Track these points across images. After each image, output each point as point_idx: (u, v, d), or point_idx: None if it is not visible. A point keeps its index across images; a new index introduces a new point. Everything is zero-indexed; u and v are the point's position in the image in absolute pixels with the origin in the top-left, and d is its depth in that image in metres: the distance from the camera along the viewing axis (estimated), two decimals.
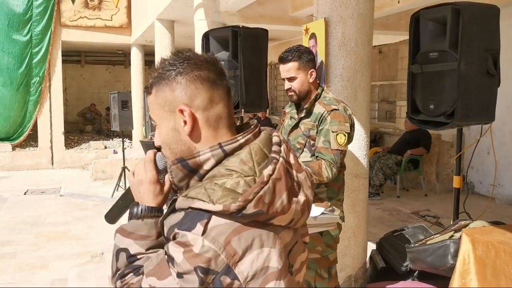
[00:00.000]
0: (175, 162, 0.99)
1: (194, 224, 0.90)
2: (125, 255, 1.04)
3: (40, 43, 10.72)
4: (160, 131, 1.06)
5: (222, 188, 0.91)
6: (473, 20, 2.50)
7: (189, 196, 0.94)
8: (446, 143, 7.09)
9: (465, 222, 2.74)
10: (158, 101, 1.02)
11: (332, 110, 2.53)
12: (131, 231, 1.06)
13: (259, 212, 0.91)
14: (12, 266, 4.54)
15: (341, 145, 2.49)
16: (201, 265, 0.87)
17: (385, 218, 5.70)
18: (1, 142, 10.83)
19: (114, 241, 1.09)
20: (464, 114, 2.56)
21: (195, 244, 0.88)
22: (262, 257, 0.91)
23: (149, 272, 0.96)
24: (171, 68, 1.00)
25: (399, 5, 5.59)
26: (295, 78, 2.59)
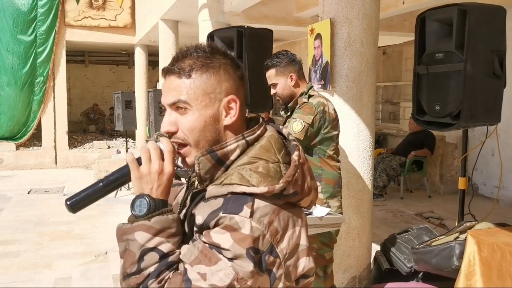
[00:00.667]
0: (205, 153, 1.02)
1: (241, 207, 0.93)
2: (157, 255, 0.96)
3: (44, 43, 10.76)
4: (192, 116, 1.03)
5: (257, 173, 0.97)
6: (479, 21, 2.50)
7: (224, 183, 0.97)
8: (450, 144, 7.07)
9: (470, 224, 2.73)
10: (202, 86, 1.03)
11: (303, 103, 2.63)
12: (160, 229, 0.98)
13: (296, 193, 0.98)
14: (15, 265, 4.54)
15: (295, 132, 2.52)
16: (252, 245, 0.91)
17: (388, 220, 5.68)
18: (5, 141, 10.86)
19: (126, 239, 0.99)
20: (470, 115, 2.55)
21: (243, 226, 0.91)
22: (295, 236, 0.98)
23: (193, 261, 0.93)
24: (220, 58, 1.05)
25: (403, 6, 5.58)
26: (276, 84, 2.71)
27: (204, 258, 0.92)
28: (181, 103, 1.03)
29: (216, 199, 0.97)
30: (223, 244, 0.91)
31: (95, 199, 1.06)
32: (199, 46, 1.06)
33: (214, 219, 0.93)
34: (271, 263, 0.94)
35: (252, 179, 0.96)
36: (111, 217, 6.22)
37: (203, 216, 0.96)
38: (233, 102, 1.05)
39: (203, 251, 0.93)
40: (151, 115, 7.20)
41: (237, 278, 0.90)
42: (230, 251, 0.90)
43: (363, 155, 3.18)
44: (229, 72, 1.05)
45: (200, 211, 0.98)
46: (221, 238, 0.91)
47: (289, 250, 0.97)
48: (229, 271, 0.90)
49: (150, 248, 0.96)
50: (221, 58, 1.05)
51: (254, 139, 1.05)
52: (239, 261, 0.90)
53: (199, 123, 1.03)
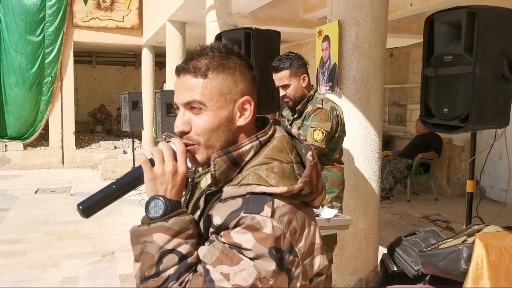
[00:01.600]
0: (221, 154, 1.01)
1: (261, 206, 0.93)
2: (177, 257, 0.94)
3: (52, 43, 10.83)
4: (206, 116, 1.02)
5: (274, 173, 0.98)
6: (488, 24, 2.49)
7: (242, 183, 0.97)
8: (457, 147, 7.04)
9: (478, 227, 2.72)
10: (218, 87, 1.02)
11: (317, 108, 2.63)
12: (179, 230, 0.96)
13: (312, 192, 1.00)
14: (23, 264, 4.57)
15: (317, 141, 2.53)
16: (274, 245, 0.91)
17: (395, 222, 5.66)
18: (13, 141, 10.94)
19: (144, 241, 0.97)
20: (479, 118, 2.55)
21: (265, 226, 0.91)
22: (310, 235, 0.99)
23: (215, 261, 0.92)
24: (235, 59, 1.04)
25: (411, 8, 5.57)
26: (288, 85, 2.69)
27: (226, 258, 0.91)
28: (196, 103, 1.01)
29: (234, 200, 0.96)
30: (245, 244, 0.91)
31: (108, 203, 1.04)
32: (215, 46, 1.05)
33: (235, 219, 0.93)
34: (291, 262, 0.94)
35: (271, 180, 0.96)
36: (118, 217, 6.25)
37: (221, 217, 0.96)
38: (248, 103, 1.05)
39: (224, 251, 0.92)
40: (158, 115, 7.22)
41: (259, 278, 0.90)
42: (252, 250, 0.90)
43: (370, 158, 3.18)
44: (244, 73, 1.05)
45: (217, 211, 0.98)
46: (242, 238, 0.91)
47: (306, 249, 0.97)
48: (252, 270, 0.90)
49: (169, 249, 0.95)
50: (236, 59, 1.05)
51: (266, 140, 1.05)
52: (261, 260, 0.90)
53: (213, 124, 1.02)
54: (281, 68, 2.68)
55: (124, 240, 5.13)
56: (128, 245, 5.00)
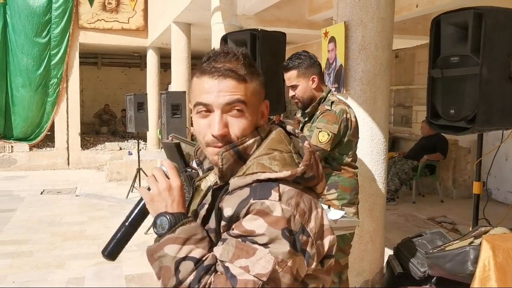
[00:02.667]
0: (228, 148, 1.05)
1: (269, 192, 0.97)
2: (192, 263, 0.97)
3: (58, 45, 10.88)
4: (246, 118, 1.06)
5: (276, 161, 1.03)
6: (495, 25, 2.48)
7: (247, 173, 1.02)
8: (463, 148, 7.02)
9: (485, 229, 2.71)
10: (254, 91, 1.08)
11: (325, 110, 2.55)
12: (186, 237, 1.00)
13: (314, 176, 1.05)
14: (29, 264, 4.59)
15: (321, 143, 2.46)
16: (286, 226, 0.95)
17: (400, 224, 5.65)
18: (19, 142, 10.99)
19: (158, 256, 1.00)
20: (486, 120, 2.53)
21: (274, 209, 0.96)
22: (318, 216, 1.03)
23: (232, 257, 0.94)
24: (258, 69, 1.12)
25: (417, 9, 5.55)
26: (296, 86, 2.61)
27: (242, 252, 0.94)
28: (240, 105, 1.05)
29: (241, 190, 1.00)
30: (258, 229, 0.94)
31: (127, 240, 1.10)
32: (241, 51, 1.09)
33: (245, 207, 0.97)
34: (305, 242, 0.98)
35: (274, 166, 1.01)
36: (123, 218, 6.23)
37: (232, 207, 0.99)
38: (266, 106, 1.13)
39: (238, 246, 0.95)
40: (163, 117, 7.22)
41: (277, 262, 0.93)
42: (265, 235, 0.94)
43: (376, 159, 3.17)
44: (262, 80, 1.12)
45: (227, 203, 1.01)
46: (254, 224, 0.95)
47: (317, 229, 1.01)
48: (269, 257, 0.93)
49: (183, 257, 0.98)
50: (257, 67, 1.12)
51: (266, 134, 1.11)
52: (275, 244, 0.94)
53: (249, 125, 1.07)
54: (289, 67, 2.61)
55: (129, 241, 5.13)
56: (133, 246, 5.01)
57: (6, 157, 10.71)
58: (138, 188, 1.09)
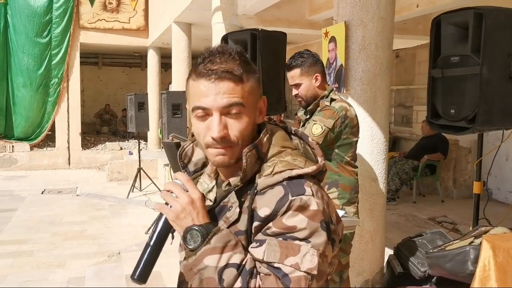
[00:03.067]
0: (251, 148, 1.06)
1: (302, 187, 1.01)
2: (234, 269, 0.97)
3: (59, 44, 10.89)
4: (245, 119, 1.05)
5: (297, 157, 1.07)
6: (496, 25, 2.48)
7: (275, 172, 1.04)
8: (463, 148, 7.02)
9: (485, 229, 2.71)
10: (251, 90, 1.07)
11: (324, 106, 2.55)
12: (223, 245, 0.99)
13: (325, 170, 1.11)
14: (29, 264, 4.60)
15: (314, 135, 2.45)
16: (322, 218, 1.00)
17: (401, 224, 5.65)
18: (20, 142, 11.01)
19: (198, 270, 1.00)
20: (486, 119, 2.53)
21: (311, 204, 1.00)
22: (331, 205, 1.08)
23: (281, 258, 0.96)
24: (254, 66, 1.12)
25: (417, 9, 5.56)
26: (300, 84, 2.60)
27: (288, 250, 0.97)
28: (239, 106, 1.04)
29: (273, 189, 1.02)
30: (299, 224, 0.98)
31: (155, 260, 1.08)
32: (236, 50, 1.07)
33: (285, 204, 0.99)
34: (333, 231, 1.04)
35: (299, 163, 1.05)
36: (124, 217, 6.27)
37: (269, 207, 1.00)
38: (263, 102, 1.13)
39: (282, 245, 0.97)
40: (164, 117, 7.24)
41: (320, 254, 0.98)
42: (307, 229, 0.98)
43: (377, 159, 3.18)
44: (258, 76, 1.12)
45: (261, 203, 1.02)
46: (295, 220, 0.98)
47: (336, 217, 1.07)
48: (312, 251, 0.97)
49: (224, 265, 0.98)
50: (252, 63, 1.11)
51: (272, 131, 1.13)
52: (315, 237, 0.98)
53: (248, 125, 1.07)
54: (292, 66, 2.60)
55: (130, 240, 5.15)
56: (134, 246, 5.02)
57: (7, 157, 10.72)
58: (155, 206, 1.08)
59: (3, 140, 10.90)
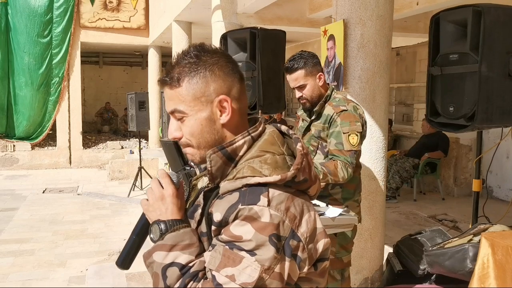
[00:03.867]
0: (216, 150, 1.05)
1: (257, 197, 0.97)
2: (177, 268, 0.99)
3: (60, 44, 10.91)
4: (189, 122, 1.07)
5: (267, 164, 1.02)
6: (495, 22, 2.47)
7: (237, 177, 1.02)
8: (464, 146, 7.01)
9: (484, 226, 2.71)
10: (191, 92, 1.06)
11: (341, 111, 2.50)
12: (172, 243, 1.02)
13: (306, 180, 1.04)
14: (30, 263, 4.61)
15: (354, 146, 2.44)
16: (274, 232, 0.94)
17: (401, 222, 5.65)
18: (21, 141, 11.02)
19: (149, 263, 1.03)
20: (485, 117, 2.53)
21: (263, 215, 0.95)
22: (311, 220, 1.02)
23: (218, 266, 0.95)
24: (205, 60, 1.06)
25: (417, 7, 5.54)
26: (304, 85, 2.56)
27: (228, 260, 0.94)
28: (177, 112, 1.07)
29: (231, 194, 1.00)
30: (245, 235, 0.94)
31: (137, 250, 1.16)
32: (186, 52, 1.08)
33: (234, 213, 0.97)
34: (296, 247, 0.97)
35: (264, 170, 1.01)
36: (124, 216, 6.28)
37: (221, 212, 0.99)
38: (225, 101, 1.07)
39: (225, 254, 0.95)
40: (164, 115, 7.25)
41: (263, 270, 0.93)
42: (252, 241, 0.93)
43: (376, 157, 3.18)
44: (215, 73, 1.06)
45: (217, 208, 1.01)
46: (242, 230, 0.95)
47: (309, 233, 1.00)
48: (255, 265, 0.93)
49: (169, 264, 1.00)
50: (207, 59, 1.06)
51: (258, 135, 1.09)
52: (261, 250, 0.93)
53: (196, 127, 1.07)
54: (295, 68, 2.54)
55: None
56: None
57: (8, 156, 10.74)
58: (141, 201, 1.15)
59: (4, 140, 10.93)
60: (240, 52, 3.75)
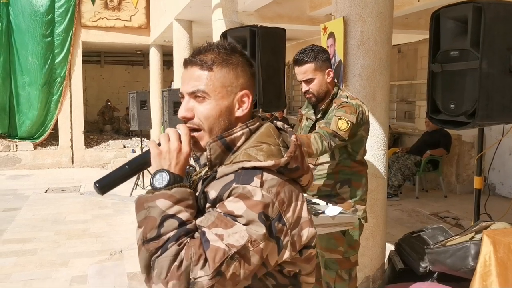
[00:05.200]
0: (215, 139, 1.13)
1: (252, 178, 1.05)
2: (177, 222, 1.02)
3: (61, 43, 10.92)
4: (209, 105, 1.13)
5: (262, 152, 1.10)
6: (495, 18, 2.46)
7: (234, 161, 1.09)
8: (466, 143, 6.99)
9: (486, 224, 2.69)
10: (221, 79, 1.14)
11: (342, 102, 2.50)
12: (179, 198, 1.04)
13: (298, 167, 1.11)
14: (33, 262, 4.62)
15: (340, 130, 2.38)
16: (263, 211, 1.02)
17: (403, 219, 5.64)
18: (23, 141, 11.05)
19: (147, 206, 1.04)
20: (486, 114, 2.51)
21: (255, 194, 1.03)
22: (298, 208, 1.09)
23: (210, 224, 1.01)
24: (238, 57, 1.17)
25: (418, 3, 5.52)
26: (312, 80, 2.53)
27: (221, 223, 1.01)
28: (200, 92, 1.13)
29: (227, 176, 1.08)
30: (237, 211, 1.01)
31: (122, 181, 1.15)
32: (221, 43, 1.17)
33: (228, 190, 1.04)
34: (279, 230, 1.04)
35: (259, 156, 1.09)
36: (126, 215, 6.28)
37: (216, 191, 1.07)
38: (246, 96, 1.17)
39: (219, 217, 1.01)
40: (166, 114, 7.24)
41: (250, 241, 1.00)
42: (243, 217, 1.01)
43: (376, 155, 3.16)
44: (245, 70, 1.17)
45: (212, 187, 1.08)
46: (235, 206, 1.02)
47: (294, 220, 1.08)
48: (244, 233, 1.00)
49: (170, 214, 1.03)
50: (239, 56, 1.17)
51: (255, 128, 1.17)
52: (252, 225, 1.01)
53: (215, 112, 1.13)
54: (305, 61, 2.51)
55: (132, 238, 5.15)
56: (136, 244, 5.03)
57: (11, 156, 10.77)
58: (148, 141, 1.20)
59: (6, 140, 10.95)
60: None
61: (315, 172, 2.61)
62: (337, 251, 2.54)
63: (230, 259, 0.98)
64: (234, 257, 0.98)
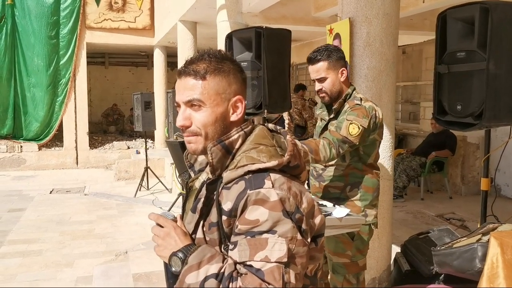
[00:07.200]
0: (216, 143, 1.17)
1: (262, 181, 1.09)
2: (213, 278, 1.05)
3: (66, 45, 10.96)
4: (205, 112, 1.18)
5: (263, 153, 1.14)
6: (502, 19, 2.45)
7: (239, 165, 1.13)
8: (472, 145, 6.96)
9: (493, 225, 2.68)
10: (215, 87, 1.18)
11: (355, 104, 2.46)
12: (198, 261, 1.08)
13: (298, 165, 1.17)
14: (38, 263, 4.63)
15: (351, 135, 2.34)
16: (284, 207, 1.06)
17: (408, 221, 5.62)
18: (28, 142, 11.08)
19: (184, 287, 1.09)
20: (493, 115, 2.50)
21: (270, 196, 1.07)
22: (309, 198, 1.15)
23: (250, 255, 1.04)
24: (229, 64, 1.21)
25: (424, 4, 5.51)
26: (325, 78, 2.48)
27: (256, 247, 1.03)
28: (196, 101, 1.17)
29: (237, 183, 1.11)
30: (261, 217, 1.05)
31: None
32: (211, 51, 1.21)
33: (243, 199, 1.08)
34: (299, 219, 1.09)
35: (262, 158, 1.13)
36: (131, 216, 6.29)
37: (231, 201, 1.10)
38: (240, 101, 1.22)
39: (251, 243, 1.04)
40: (170, 115, 7.26)
41: (289, 241, 1.04)
42: (269, 220, 1.04)
43: (382, 156, 3.15)
44: (236, 76, 1.21)
45: (226, 198, 1.12)
46: (256, 213, 1.05)
47: (308, 209, 1.13)
48: (280, 240, 1.03)
49: (203, 279, 1.06)
50: (229, 64, 1.21)
51: (249, 131, 1.22)
52: (280, 225, 1.05)
53: (211, 119, 1.18)
54: (318, 59, 2.46)
55: (137, 239, 5.17)
56: (141, 244, 5.03)
57: (16, 157, 10.81)
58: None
59: (11, 140, 10.99)
60: (245, 52, 3.73)
61: (325, 173, 2.59)
62: (345, 255, 2.52)
63: (286, 268, 1.03)
64: (288, 264, 1.03)
